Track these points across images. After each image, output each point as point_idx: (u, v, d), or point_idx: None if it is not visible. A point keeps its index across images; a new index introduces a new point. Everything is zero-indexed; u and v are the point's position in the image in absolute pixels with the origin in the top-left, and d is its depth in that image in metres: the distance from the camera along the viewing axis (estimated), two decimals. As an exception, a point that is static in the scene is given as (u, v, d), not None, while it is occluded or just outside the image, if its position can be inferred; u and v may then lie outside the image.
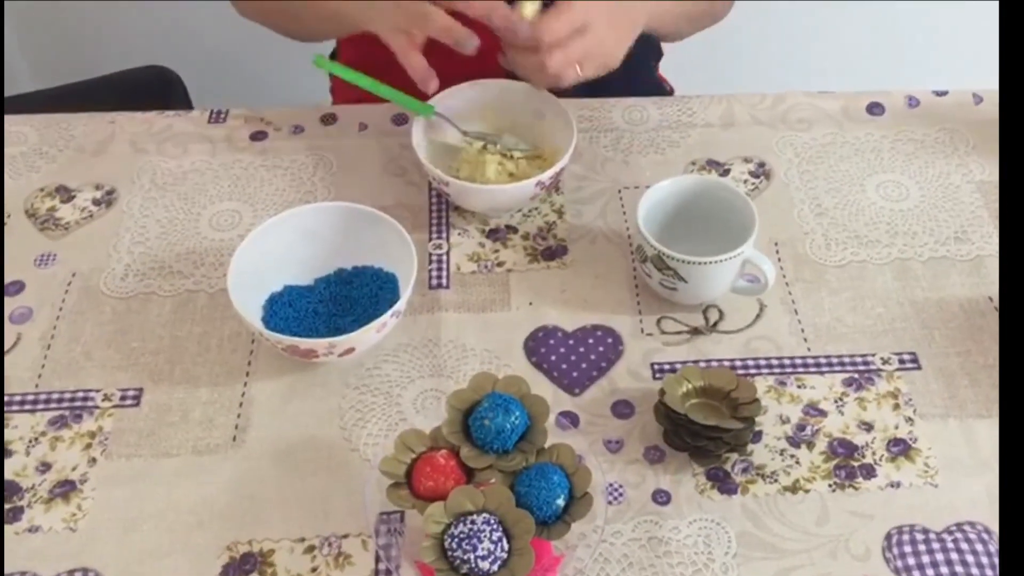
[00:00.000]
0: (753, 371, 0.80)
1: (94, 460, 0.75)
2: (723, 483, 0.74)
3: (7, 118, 1.01)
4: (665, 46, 1.24)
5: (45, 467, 0.74)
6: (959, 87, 1.05)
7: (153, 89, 1.36)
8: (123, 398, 0.78)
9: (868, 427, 0.77)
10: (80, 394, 0.78)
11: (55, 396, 0.78)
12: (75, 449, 0.75)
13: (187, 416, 0.77)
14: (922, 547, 0.70)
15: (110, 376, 0.80)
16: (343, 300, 0.83)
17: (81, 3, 1.79)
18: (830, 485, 0.73)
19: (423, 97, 0.92)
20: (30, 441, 0.76)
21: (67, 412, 0.77)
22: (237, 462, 0.75)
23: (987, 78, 1.07)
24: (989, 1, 1.63)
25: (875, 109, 1.02)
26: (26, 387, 0.79)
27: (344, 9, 0.90)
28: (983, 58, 1.51)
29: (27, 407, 0.78)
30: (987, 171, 0.96)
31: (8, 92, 1.38)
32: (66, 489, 0.73)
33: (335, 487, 0.73)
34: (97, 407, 0.78)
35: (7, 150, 0.98)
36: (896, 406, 0.78)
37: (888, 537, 0.71)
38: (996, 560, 0.69)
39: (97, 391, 0.79)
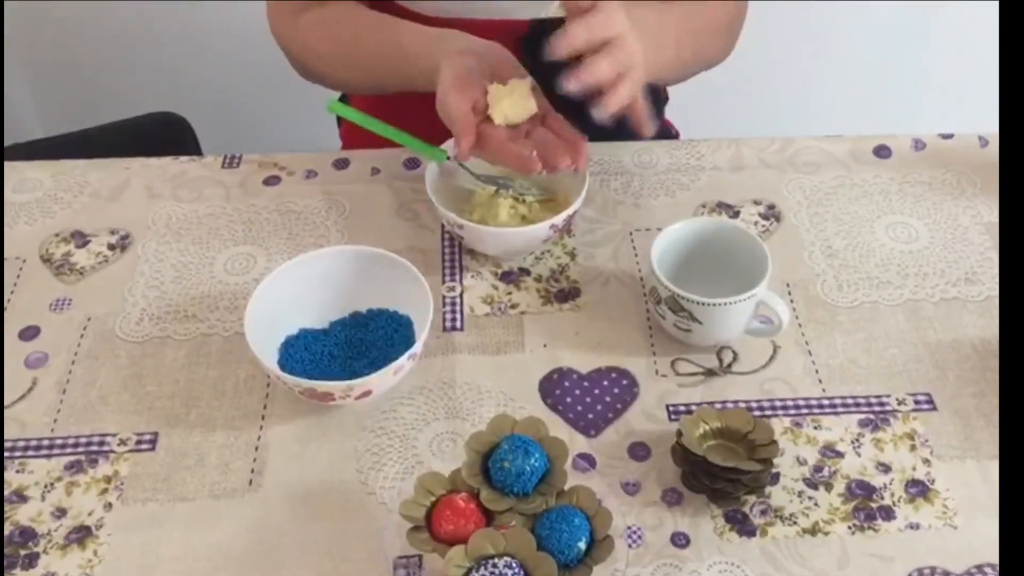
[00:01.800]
0: (768, 412, 0.81)
1: (110, 505, 0.74)
2: (742, 525, 0.73)
3: (22, 164, 1.02)
4: (671, 91, 1.26)
5: (61, 512, 0.74)
6: (963, 130, 1.06)
7: (163, 135, 1.38)
8: (139, 442, 0.78)
9: (886, 468, 0.77)
10: (96, 439, 0.78)
11: (71, 441, 0.78)
12: (91, 494, 0.75)
13: (203, 460, 0.77)
14: (944, 589, 0.70)
15: (126, 420, 0.80)
16: (358, 343, 0.84)
17: (91, 50, 1.81)
18: (849, 527, 0.73)
19: (435, 142, 0.93)
20: (46, 486, 0.75)
21: (83, 457, 0.77)
22: (254, 506, 0.74)
23: (990, 122, 1.08)
24: (988, 48, 1.66)
25: (882, 152, 1.03)
26: (42, 432, 0.79)
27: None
28: (985, 103, 1.54)
29: (43, 452, 0.78)
30: (995, 212, 0.97)
31: (18, 139, 1.40)
32: (82, 535, 0.73)
33: (352, 531, 0.73)
34: (113, 452, 0.78)
35: (22, 197, 0.98)
36: (913, 447, 0.78)
37: (909, 579, 0.70)
38: (1018, 602, 0.68)
39: (113, 435, 0.79)
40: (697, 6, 0.97)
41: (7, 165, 1.01)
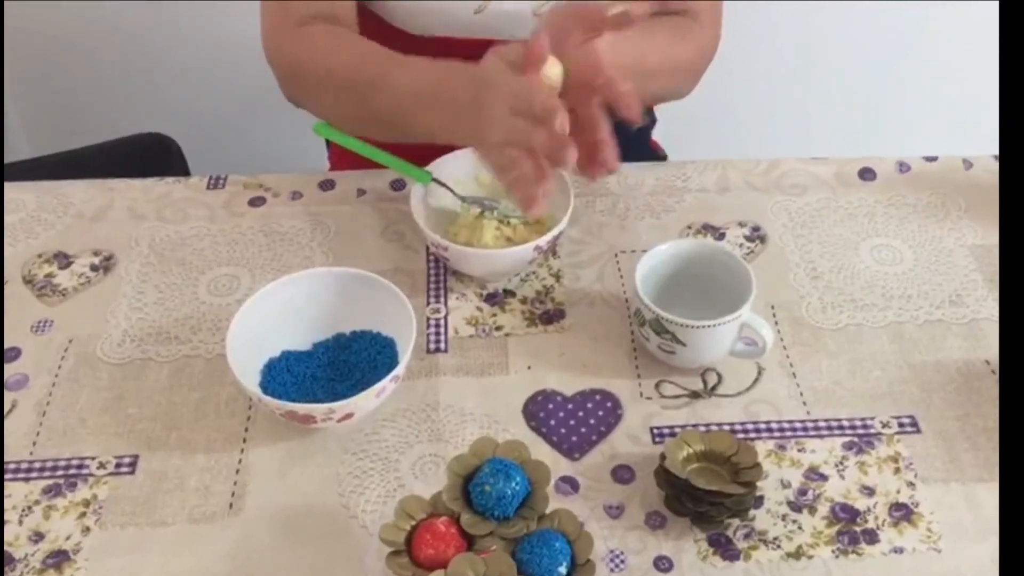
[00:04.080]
0: (753, 435, 0.80)
1: (88, 529, 0.74)
2: (725, 549, 0.73)
3: (6, 185, 1.01)
4: (659, 112, 1.26)
5: (38, 537, 0.73)
6: (948, 153, 1.06)
7: (151, 156, 1.37)
8: (118, 465, 0.78)
9: (870, 491, 0.76)
10: (75, 462, 0.78)
11: (50, 464, 0.78)
12: (69, 518, 0.74)
13: (183, 483, 0.76)
14: (928, 614, 0.69)
15: (106, 443, 0.79)
16: (341, 365, 0.83)
17: (80, 71, 1.82)
18: (833, 551, 0.73)
19: (420, 163, 0.93)
20: (23, 510, 0.75)
21: (62, 480, 0.77)
22: (234, 530, 0.74)
23: (975, 144, 1.09)
24: (974, 70, 1.68)
25: (867, 174, 1.04)
26: (20, 455, 0.78)
27: (438, 138, 0.86)
28: (970, 125, 1.55)
29: (21, 475, 0.77)
30: (980, 235, 0.97)
31: (6, 159, 1.39)
32: (59, 559, 0.72)
33: (334, 555, 0.72)
34: (92, 475, 0.77)
35: (6, 217, 0.98)
36: (897, 470, 0.78)
37: (893, 604, 0.70)
38: (1003, 627, 0.68)
39: (92, 458, 0.78)
40: (664, 42, 0.97)
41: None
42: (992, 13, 1.44)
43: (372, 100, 0.90)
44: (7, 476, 0.77)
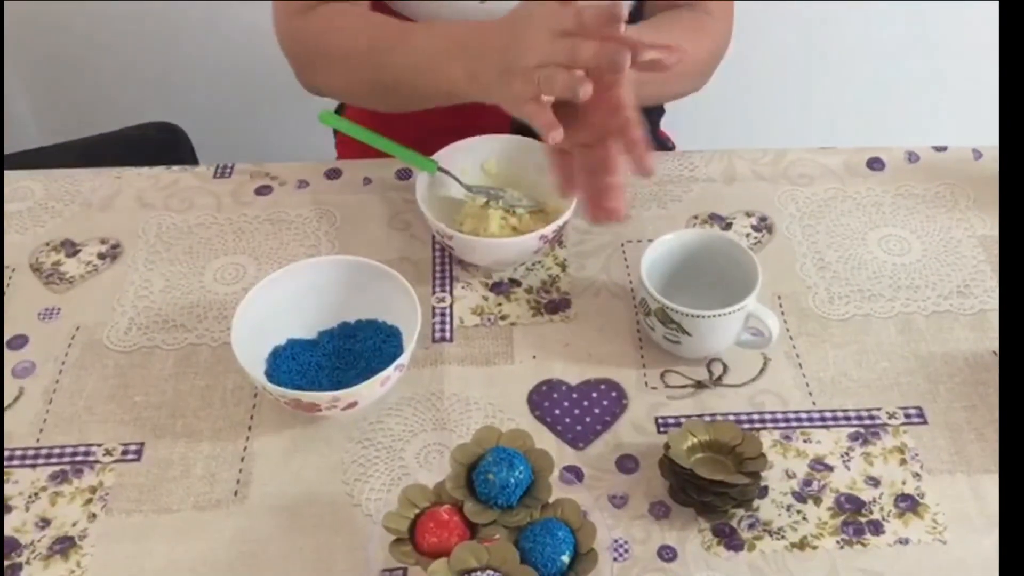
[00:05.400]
0: (758, 425, 0.80)
1: (94, 516, 0.74)
2: (730, 539, 0.73)
3: (14, 173, 1.02)
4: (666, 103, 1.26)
5: (44, 523, 0.74)
6: (958, 143, 1.05)
7: (159, 145, 1.37)
8: (124, 452, 0.78)
9: (875, 482, 0.76)
10: (81, 449, 0.78)
11: (56, 451, 0.78)
12: (75, 505, 0.75)
13: (188, 471, 0.77)
14: (932, 605, 0.69)
15: (112, 430, 0.79)
16: (346, 354, 0.83)
17: (88, 60, 1.82)
18: (838, 541, 0.73)
19: (426, 152, 0.93)
20: (30, 496, 0.75)
21: (68, 467, 0.77)
22: (239, 518, 0.74)
23: (985, 134, 1.08)
24: (984, 59, 1.66)
25: (875, 164, 1.03)
26: (27, 442, 0.78)
27: (459, 90, 0.84)
28: (980, 115, 1.54)
29: (28, 462, 0.77)
30: (988, 226, 0.96)
31: (16, 148, 1.40)
32: (65, 545, 0.72)
33: (337, 543, 0.72)
34: (98, 462, 0.77)
35: (13, 206, 0.98)
36: (903, 461, 0.78)
37: (898, 595, 0.70)
38: (1008, 618, 0.68)
39: (98, 446, 0.78)
40: (682, 40, 0.95)
41: (-1, 174, 1.01)
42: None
43: (390, 63, 0.89)
44: (14, 463, 0.77)
